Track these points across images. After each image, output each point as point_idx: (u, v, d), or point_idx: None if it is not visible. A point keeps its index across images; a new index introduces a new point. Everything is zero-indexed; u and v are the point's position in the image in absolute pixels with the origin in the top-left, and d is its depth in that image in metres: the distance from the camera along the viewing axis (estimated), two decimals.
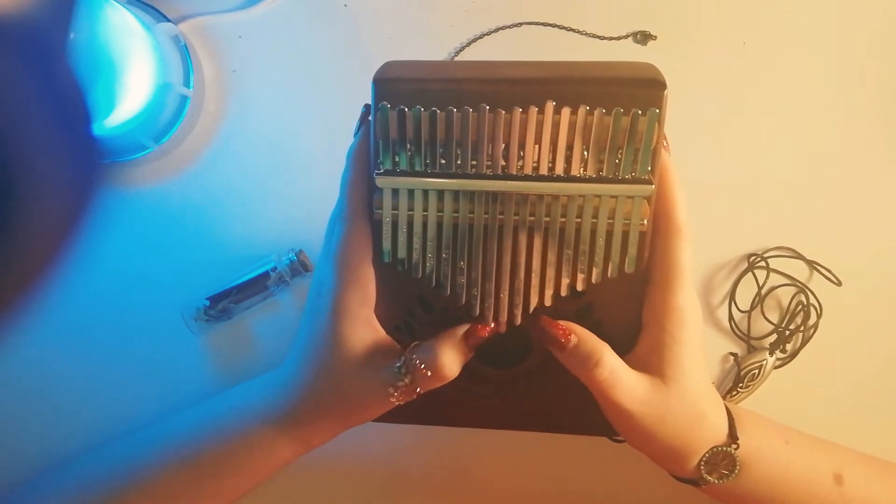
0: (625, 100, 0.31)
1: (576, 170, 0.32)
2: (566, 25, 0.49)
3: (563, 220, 0.33)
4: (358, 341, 0.35)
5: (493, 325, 0.35)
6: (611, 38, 0.49)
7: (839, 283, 0.48)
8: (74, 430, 0.49)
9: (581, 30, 0.49)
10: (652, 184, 0.32)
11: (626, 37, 0.49)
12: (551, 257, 0.34)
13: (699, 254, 0.48)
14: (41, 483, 0.45)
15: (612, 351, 0.34)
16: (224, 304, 0.48)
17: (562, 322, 0.35)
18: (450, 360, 0.34)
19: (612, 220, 0.33)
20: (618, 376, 0.34)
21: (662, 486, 0.47)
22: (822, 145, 0.49)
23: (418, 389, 0.35)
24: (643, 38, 0.49)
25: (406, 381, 0.34)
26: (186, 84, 0.48)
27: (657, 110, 0.31)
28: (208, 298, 0.48)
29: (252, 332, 0.50)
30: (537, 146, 0.32)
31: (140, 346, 0.49)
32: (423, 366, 0.34)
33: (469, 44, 0.50)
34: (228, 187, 0.49)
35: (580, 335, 0.34)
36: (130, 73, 0.44)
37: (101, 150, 0.17)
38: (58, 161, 0.16)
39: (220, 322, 0.49)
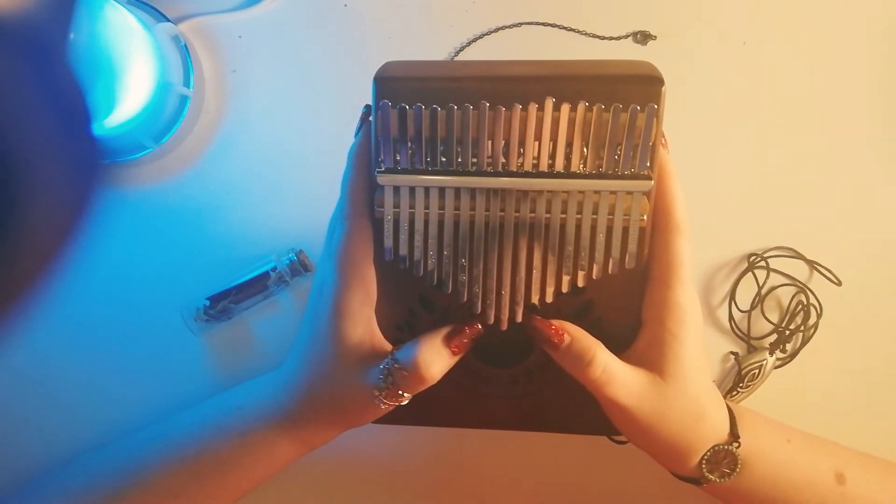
0: (623, 96, 0.31)
1: (575, 166, 0.32)
2: (566, 25, 0.49)
3: (564, 216, 0.33)
4: (356, 342, 0.36)
5: (479, 326, 0.35)
6: (611, 38, 0.49)
7: (839, 283, 0.48)
8: (75, 430, 0.49)
9: (581, 30, 0.49)
10: (651, 179, 0.32)
11: (626, 37, 0.49)
12: (551, 254, 0.34)
13: (699, 254, 0.48)
14: (43, 483, 0.45)
15: (604, 349, 0.34)
16: (224, 304, 0.48)
17: (555, 321, 0.35)
18: (427, 362, 0.34)
19: (611, 216, 0.33)
20: (612, 373, 0.34)
21: (663, 486, 0.47)
22: (822, 145, 0.49)
23: (401, 392, 0.35)
24: (643, 38, 0.49)
25: (388, 383, 0.34)
26: (186, 84, 0.48)
27: (655, 106, 0.31)
28: (208, 298, 0.48)
29: (252, 332, 0.50)
30: (537, 143, 0.32)
31: (140, 346, 0.49)
32: (401, 368, 0.34)
33: (469, 44, 0.50)
34: (228, 187, 0.49)
35: (573, 334, 0.34)
36: (130, 73, 0.44)
37: (101, 150, 0.17)
38: (58, 161, 0.16)
39: (220, 322, 0.49)
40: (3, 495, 0.47)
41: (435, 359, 0.34)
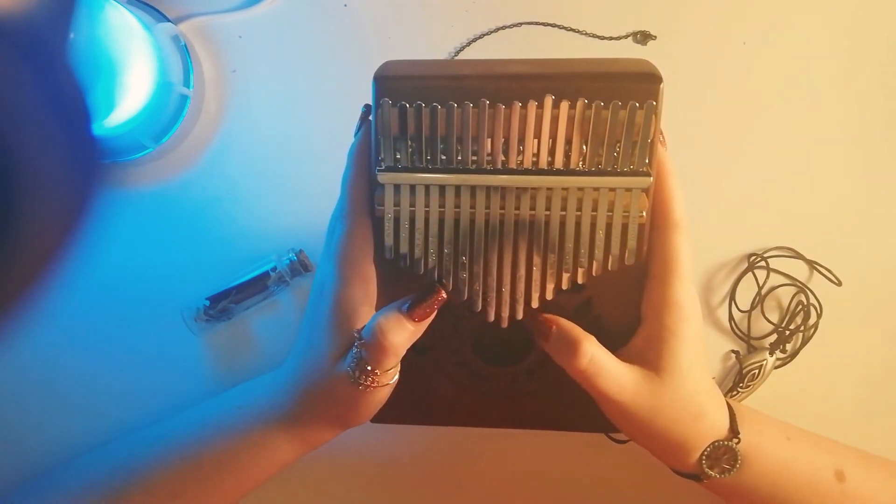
0: (622, 93, 0.31)
1: (575, 163, 0.32)
2: (566, 25, 0.49)
3: (563, 213, 0.33)
4: (354, 340, 0.35)
5: (441, 294, 0.35)
6: (611, 38, 0.49)
7: (839, 283, 0.48)
8: (75, 430, 0.49)
9: (581, 30, 0.49)
10: (650, 175, 0.32)
11: (626, 37, 0.49)
12: (551, 251, 0.34)
13: (699, 253, 0.48)
14: (43, 483, 0.45)
15: (593, 341, 0.34)
16: (224, 304, 0.48)
17: (546, 315, 0.35)
18: (384, 329, 0.34)
19: (611, 213, 0.33)
20: (600, 365, 0.34)
21: (663, 483, 0.47)
22: (822, 145, 0.49)
23: (369, 367, 0.34)
24: (643, 38, 0.49)
25: (357, 359, 0.34)
26: (186, 84, 0.48)
27: (654, 102, 0.31)
28: (208, 298, 0.48)
29: (252, 332, 0.50)
30: (536, 140, 0.32)
31: (140, 346, 0.49)
32: (365, 342, 0.34)
33: (469, 44, 0.50)
34: (228, 187, 0.49)
35: (561, 325, 0.35)
36: (130, 73, 0.44)
37: (101, 150, 0.17)
38: (58, 161, 0.16)
39: (220, 322, 0.49)
40: (3, 495, 0.47)
41: (393, 327, 0.34)
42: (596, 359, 0.34)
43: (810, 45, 0.49)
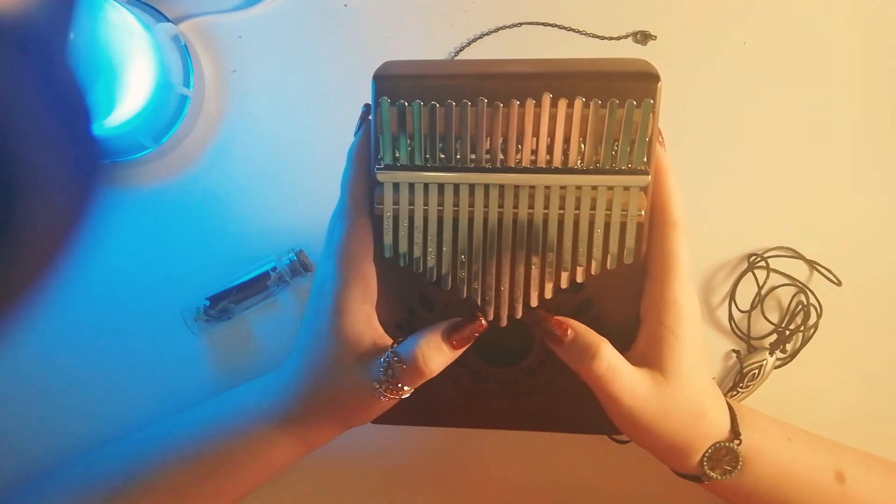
0: (620, 92, 0.31)
1: (573, 161, 0.32)
2: (566, 25, 0.49)
3: (562, 212, 0.33)
4: (357, 339, 0.36)
5: (482, 322, 0.35)
6: (611, 38, 0.49)
7: (839, 283, 0.48)
8: (75, 430, 0.49)
9: (581, 30, 0.49)
10: (648, 174, 0.32)
11: (626, 37, 0.49)
12: (550, 250, 0.34)
13: (699, 254, 0.48)
14: (43, 483, 0.45)
15: (610, 345, 0.34)
16: (224, 304, 0.48)
17: (558, 317, 0.35)
18: (426, 356, 0.34)
19: (609, 212, 0.33)
20: (617, 371, 0.34)
21: (664, 485, 0.47)
22: (822, 145, 0.49)
23: (400, 385, 0.35)
24: (643, 38, 0.49)
25: (388, 376, 0.35)
26: (186, 84, 0.48)
27: (651, 101, 0.31)
28: (208, 298, 0.48)
29: (252, 332, 0.50)
30: (535, 139, 0.32)
31: (140, 347, 0.49)
32: (401, 362, 0.34)
33: (469, 44, 0.50)
34: (228, 187, 0.49)
35: (577, 329, 0.34)
36: (130, 73, 0.44)
37: (101, 150, 0.17)
38: (58, 161, 0.16)
39: (220, 322, 0.49)
40: (4, 495, 0.47)
41: (434, 354, 0.34)
42: (613, 364, 0.34)
43: (810, 44, 0.49)
